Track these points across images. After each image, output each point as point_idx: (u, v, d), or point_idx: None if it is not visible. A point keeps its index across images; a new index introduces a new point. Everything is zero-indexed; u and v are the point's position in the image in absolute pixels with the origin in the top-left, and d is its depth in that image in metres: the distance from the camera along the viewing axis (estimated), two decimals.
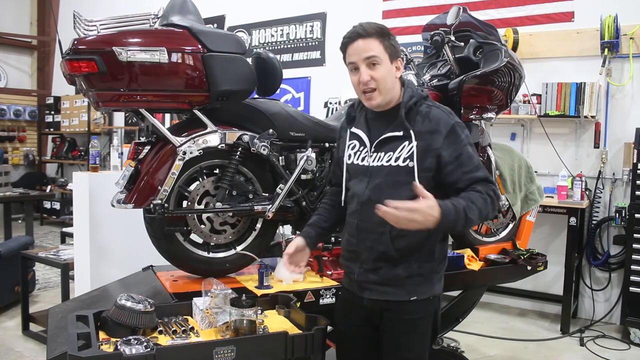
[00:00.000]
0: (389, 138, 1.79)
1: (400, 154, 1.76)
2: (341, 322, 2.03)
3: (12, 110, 8.40)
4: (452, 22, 2.63)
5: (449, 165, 1.75)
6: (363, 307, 1.88)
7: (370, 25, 1.76)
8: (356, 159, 1.88)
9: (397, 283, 1.81)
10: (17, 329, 3.92)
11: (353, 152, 1.90)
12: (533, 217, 3.23)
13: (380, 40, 1.74)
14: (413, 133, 1.75)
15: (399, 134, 1.78)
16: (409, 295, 1.81)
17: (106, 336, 1.78)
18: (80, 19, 2.07)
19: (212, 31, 2.20)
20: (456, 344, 3.31)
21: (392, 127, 1.79)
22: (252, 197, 2.35)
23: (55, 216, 8.11)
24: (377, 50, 1.74)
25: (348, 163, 1.92)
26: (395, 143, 1.78)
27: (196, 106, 2.18)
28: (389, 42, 1.76)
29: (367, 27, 1.75)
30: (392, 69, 1.78)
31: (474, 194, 1.71)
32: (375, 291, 1.83)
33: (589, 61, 4.41)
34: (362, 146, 1.87)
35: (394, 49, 1.78)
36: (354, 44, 1.75)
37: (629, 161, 4.23)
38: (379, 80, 1.75)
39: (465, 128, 1.81)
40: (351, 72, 1.80)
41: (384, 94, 1.78)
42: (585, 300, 4.56)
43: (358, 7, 5.66)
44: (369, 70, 1.74)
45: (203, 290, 2.00)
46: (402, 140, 1.77)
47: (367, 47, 1.73)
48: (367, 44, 1.74)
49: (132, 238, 2.81)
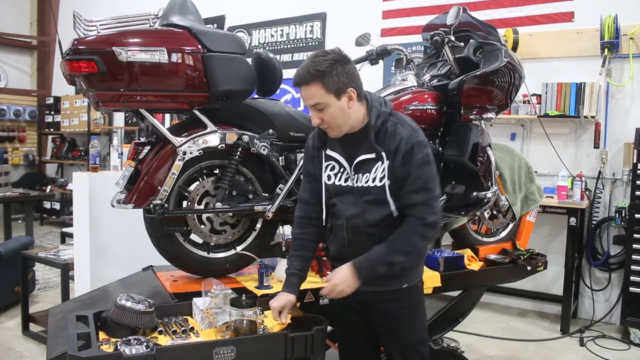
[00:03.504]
0: (363, 160, 1.85)
1: (375, 175, 1.83)
2: (337, 320, 2.09)
3: (12, 111, 8.39)
4: (452, 22, 2.63)
5: (400, 183, 1.81)
6: (357, 301, 1.94)
7: (307, 70, 1.73)
8: (337, 180, 1.92)
9: (390, 276, 1.88)
10: (17, 329, 3.92)
11: (333, 174, 1.93)
12: (533, 217, 3.23)
13: (322, 82, 1.73)
14: (384, 153, 1.81)
15: (371, 157, 1.83)
16: (400, 283, 1.91)
17: (106, 336, 1.78)
18: (80, 19, 2.07)
19: (212, 31, 2.20)
20: (456, 344, 3.31)
21: (365, 149, 1.85)
22: (252, 197, 2.35)
23: (55, 216, 8.10)
24: (319, 95, 1.74)
25: (328, 184, 1.94)
26: (369, 164, 1.84)
27: (196, 106, 2.18)
28: (332, 79, 1.73)
29: (304, 73, 1.74)
30: (341, 104, 1.77)
31: (400, 231, 1.81)
32: (369, 284, 1.88)
33: (589, 61, 4.41)
34: (341, 168, 1.91)
35: (339, 84, 1.75)
36: (300, 89, 1.78)
37: (629, 161, 4.23)
38: (328, 121, 1.80)
39: (427, 147, 1.82)
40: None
41: (339, 128, 1.82)
42: (585, 300, 4.56)
43: (358, 7, 5.66)
44: (318, 114, 1.79)
45: (203, 290, 2.00)
46: (375, 161, 1.83)
47: (309, 94, 1.75)
48: (309, 90, 1.75)
49: (132, 238, 2.81)
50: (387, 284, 1.90)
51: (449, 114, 2.65)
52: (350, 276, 1.82)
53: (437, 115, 2.63)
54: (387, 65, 4.84)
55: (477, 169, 2.60)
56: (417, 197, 1.80)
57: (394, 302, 1.92)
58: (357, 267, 1.82)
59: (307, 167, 2.03)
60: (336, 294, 1.83)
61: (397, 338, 1.96)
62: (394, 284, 1.90)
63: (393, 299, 1.92)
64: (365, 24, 4.75)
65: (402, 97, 2.57)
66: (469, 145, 2.57)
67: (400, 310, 1.93)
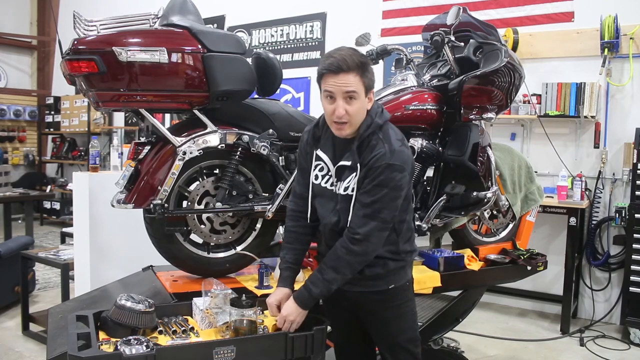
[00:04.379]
0: (342, 167, 1.86)
1: (348, 184, 1.84)
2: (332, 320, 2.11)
3: (12, 110, 8.39)
4: (452, 22, 2.63)
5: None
6: (346, 300, 1.97)
7: (352, 58, 1.75)
8: (323, 182, 1.93)
9: (376, 277, 1.91)
10: (17, 329, 3.92)
11: (321, 174, 1.94)
12: (533, 217, 3.23)
13: (361, 74, 1.75)
14: (359, 165, 1.81)
15: (348, 164, 1.84)
16: (387, 284, 1.93)
17: (106, 336, 1.78)
18: (80, 19, 2.07)
19: (212, 31, 2.20)
20: (456, 344, 3.31)
21: (346, 156, 1.86)
22: (252, 197, 2.35)
23: (55, 216, 8.11)
24: (356, 85, 1.75)
25: (315, 183, 1.96)
26: (346, 172, 1.85)
27: (196, 106, 2.18)
28: (367, 76, 1.78)
29: (350, 61, 1.74)
30: (365, 101, 1.80)
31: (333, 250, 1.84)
32: (356, 285, 1.91)
33: (589, 61, 4.41)
34: (327, 170, 1.92)
35: (370, 82, 1.80)
36: (335, 76, 1.74)
37: (629, 161, 4.23)
38: (352, 115, 1.78)
39: (398, 172, 1.78)
40: (325, 99, 1.80)
41: (354, 126, 1.81)
42: (585, 300, 4.56)
43: (358, 7, 5.66)
44: (346, 105, 1.76)
45: (203, 290, 2.00)
46: (351, 170, 1.84)
47: (348, 81, 1.74)
48: (348, 78, 1.74)
49: (132, 238, 2.81)
50: (373, 285, 1.92)
51: (449, 114, 2.64)
52: (294, 306, 1.85)
53: (437, 115, 2.63)
54: (387, 65, 4.84)
55: (477, 169, 2.60)
56: (359, 211, 1.80)
57: (381, 303, 1.94)
58: (296, 297, 1.86)
59: (301, 161, 2.03)
60: (288, 324, 1.84)
61: (387, 338, 1.98)
62: (380, 284, 1.92)
63: (380, 299, 1.93)
64: (365, 24, 4.74)
65: (402, 97, 2.57)
66: (469, 145, 2.57)
67: (388, 310, 1.95)
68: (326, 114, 1.84)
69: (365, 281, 1.91)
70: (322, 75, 1.78)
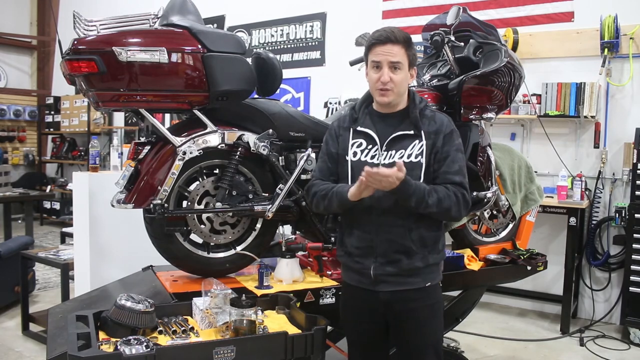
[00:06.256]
0: (400, 136, 1.93)
1: (412, 151, 1.91)
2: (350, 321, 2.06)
3: (12, 110, 8.39)
4: (452, 22, 2.63)
5: (436, 163, 1.92)
6: (377, 301, 1.94)
7: (400, 32, 1.90)
8: (364, 157, 1.94)
9: (414, 273, 1.91)
10: (17, 329, 3.92)
11: (360, 150, 1.96)
12: (533, 217, 3.23)
13: (406, 48, 1.90)
14: (423, 133, 1.92)
15: (410, 133, 1.92)
16: (424, 282, 1.94)
17: (106, 336, 1.78)
18: (80, 19, 2.07)
19: (212, 31, 2.20)
20: (456, 344, 3.32)
21: (403, 127, 1.94)
22: (252, 197, 2.35)
23: (55, 216, 8.10)
24: (402, 57, 1.89)
25: (353, 160, 1.96)
26: (406, 141, 1.92)
27: (196, 106, 2.18)
28: (412, 51, 1.92)
29: (398, 33, 1.89)
30: (408, 75, 1.93)
31: (442, 187, 1.88)
32: (392, 283, 1.91)
33: (589, 61, 4.41)
34: (370, 144, 1.95)
35: (414, 58, 1.95)
36: (383, 45, 1.88)
37: (628, 161, 4.23)
38: (396, 83, 1.89)
39: (460, 137, 1.98)
40: (372, 69, 1.91)
41: (397, 95, 1.92)
42: (585, 300, 4.56)
43: (358, 7, 5.66)
44: (391, 73, 1.88)
45: (203, 290, 2.00)
46: (413, 138, 1.92)
47: (394, 52, 1.88)
48: (394, 49, 1.88)
49: (132, 238, 2.80)
50: (410, 283, 1.92)
51: (449, 114, 2.64)
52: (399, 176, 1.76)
53: None
54: None
55: (477, 169, 2.60)
56: (455, 178, 1.90)
57: (417, 302, 1.93)
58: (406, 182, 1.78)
59: (329, 147, 2.04)
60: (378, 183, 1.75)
61: (418, 337, 1.96)
62: (417, 282, 1.92)
63: (416, 297, 1.93)
64: (365, 24, 4.72)
65: None
66: (469, 145, 2.58)
67: (423, 309, 1.94)
68: (371, 83, 1.93)
69: (402, 277, 1.90)
70: (370, 47, 1.91)
